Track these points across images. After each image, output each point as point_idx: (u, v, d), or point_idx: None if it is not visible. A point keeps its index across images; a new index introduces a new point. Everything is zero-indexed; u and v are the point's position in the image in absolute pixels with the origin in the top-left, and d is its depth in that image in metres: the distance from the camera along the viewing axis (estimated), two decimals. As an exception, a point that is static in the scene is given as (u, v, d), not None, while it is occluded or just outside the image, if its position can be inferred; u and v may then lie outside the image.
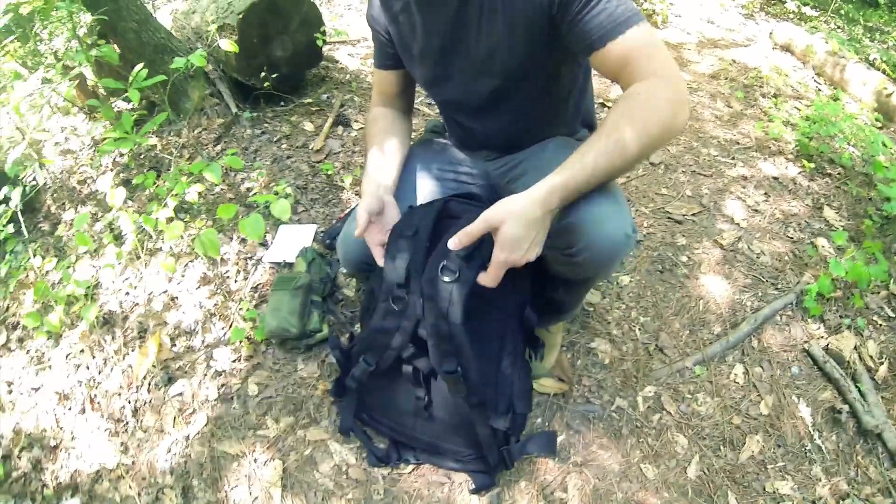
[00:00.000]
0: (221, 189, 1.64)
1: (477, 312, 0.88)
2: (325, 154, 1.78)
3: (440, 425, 1.01)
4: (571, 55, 0.87)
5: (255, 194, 1.61)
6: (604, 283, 1.40)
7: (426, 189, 1.08)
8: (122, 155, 1.85)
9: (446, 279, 0.85)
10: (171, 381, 1.22)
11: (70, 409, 1.24)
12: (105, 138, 1.39)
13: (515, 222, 0.74)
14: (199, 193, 1.37)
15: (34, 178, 1.90)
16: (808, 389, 1.24)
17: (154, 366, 1.24)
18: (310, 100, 2.02)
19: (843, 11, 3.22)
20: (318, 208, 1.58)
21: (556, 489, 1.04)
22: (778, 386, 1.23)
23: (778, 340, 1.32)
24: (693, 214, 1.63)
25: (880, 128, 2.08)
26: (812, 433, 1.17)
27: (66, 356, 1.33)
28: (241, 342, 1.25)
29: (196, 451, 1.11)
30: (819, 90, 2.32)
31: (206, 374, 1.22)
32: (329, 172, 1.68)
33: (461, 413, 0.97)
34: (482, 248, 0.85)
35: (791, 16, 3.14)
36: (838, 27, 3.09)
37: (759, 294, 1.40)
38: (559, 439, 1.10)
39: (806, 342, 1.32)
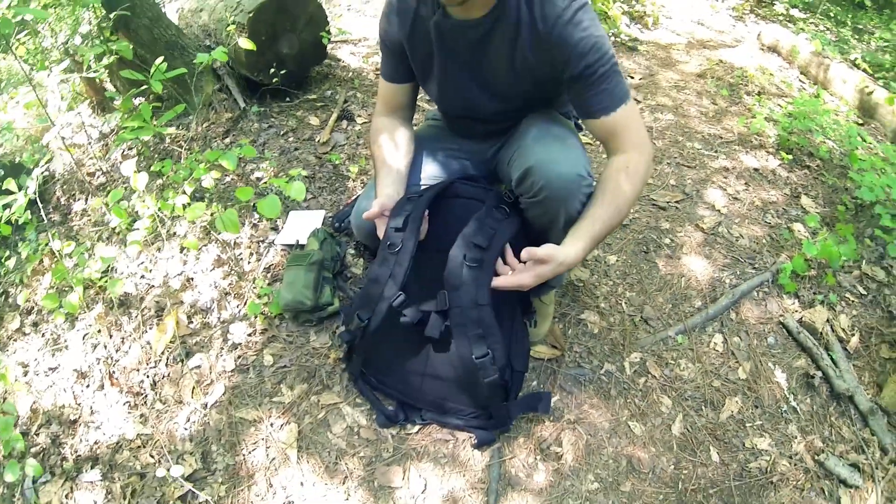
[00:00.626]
0: (232, 178, 1.73)
1: None
2: (331, 146, 1.87)
3: (445, 384, 1.10)
4: None
5: (265, 182, 1.70)
6: (592, 261, 1.50)
7: (431, 170, 1.18)
8: (130, 148, 1.94)
9: (471, 265, 0.96)
10: (189, 355, 1.29)
11: (88, 386, 1.31)
12: (124, 127, 1.48)
13: (557, 268, 0.90)
14: (215, 180, 1.46)
15: (47, 168, 1.99)
16: (784, 357, 1.34)
17: (172, 341, 1.32)
18: (314, 96, 2.12)
19: (831, 13, 3.36)
20: (325, 195, 1.66)
21: (552, 444, 1.13)
22: (755, 354, 1.33)
23: (755, 314, 1.42)
24: (677, 202, 1.73)
25: (861, 124, 2.20)
26: (787, 396, 1.26)
27: (84, 337, 1.40)
28: (256, 317, 1.33)
29: (214, 419, 1.18)
30: (803, 89, 2.45)
31: (222, 348, 1.30)
32: (336, 162, 1.77)
33: (465, 371, 1.06)
34: (498, 237, 0.97)
35: (780, 17, 3.28)
36: (827, 29, 3.22)
37: (738, 273, 1.51)
38: (553, 399, 1.18)
39: (781, 315, 1.42)
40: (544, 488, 1.07)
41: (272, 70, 1.91)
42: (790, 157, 1.93)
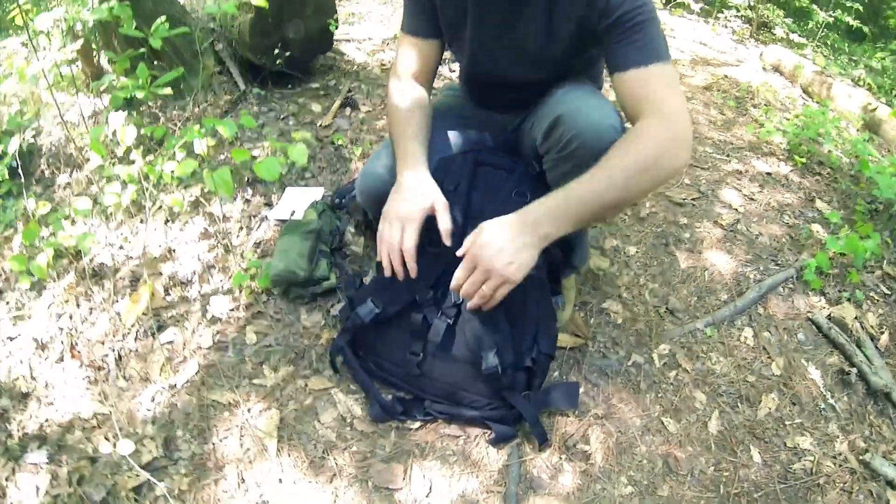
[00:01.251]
0: (227, 157, 1.62)
1: None
2: (333, 130, 1.78)
3: (458, 368, 0.97)
4: None
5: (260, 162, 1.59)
6: (611, 251, 1.41)
7: (449, 140, 1.09)
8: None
9: None
10: (161, 328, 1.15)
11: (47, 357, 1.14)
12: (121, 88, 1.37)
13: (491, 227, 0.80)
14: (210, 147, 1.35)
15: (34, 138, 1.85)
16: (816, 354, 1.25)
17: (145, 313, 1.17)
18: (317, 84, 2.05)
19: (829, 41, 3.48)
20: (326, 175, 1.56)
21: (579, 441, 0.99)
22: (786, 349, 1.24)
23: (782, 309, 1.34)
24: (692, 199, 1.68)
25: (866, 140, 2.22)
26: (824, 393, 1.16)
27: (49, 306, 1.24)
28: (241, 291, 1.19)
29: (183, 401, 1.02)
30: (807, 105, 2.48)
31: (200, 323, 1.15)
32: (338, 143, 1.68)
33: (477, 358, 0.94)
34: None
35: (780, 42, 3.39)
36: (825, 56, 3.33)
37: (761, 268, 1.43)
38: (580, 390, 1.06)
39: (809, 312, 1.34)
40: (571, 492, 0.93)
41: (277, 52, 1.84)
42: (803, 160, 1.92)
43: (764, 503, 0.95)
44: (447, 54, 1.12)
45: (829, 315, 1.33)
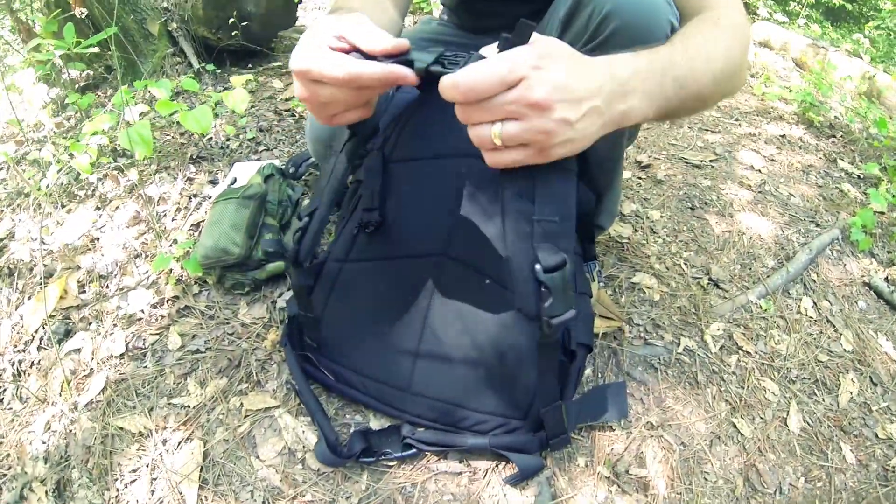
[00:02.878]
0: (173, 137, 1.33)
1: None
2: (297, 101, 1.52)
3: (461, 369, 0.70)
4: None
5: (209, 138, 1.31)
6: (632, 216, 1.18)
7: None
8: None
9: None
10: (69, 334, 0.87)
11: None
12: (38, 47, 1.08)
13: (560, 59, 0.44)
14: (142, 115, 1.07)
15: None
16: (882, 323, 1.05)
17: (51, 316, 0.88)
18: (279, 63, 1.79)
19: (811, 21, 3.41)
20: (282, 148, 1.29)
21: (631, 464, 0.74)
22: (851, 320, 1.03)
23: (835, 275, 1.13)
24: (710, 161, 1.48)
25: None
26: (905, 370, 0.96)
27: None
28: (165, 282, 0.91)
29: (84, 429, 0.75)
30: (804, 74, 2.35)
31: (114, 324, 0.86)
32: (300, 111, 1.41)
33: (492, 349, 0.67)
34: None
35: (764, 21, 3.30)
36: (807, 36, 3.27)
37: (802, 230, 1.23)
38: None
39: (864, 276, 1.15)
40: (630, 533, 0.68)
41: (232, 21, 1.57)
42: (819, 118, 1.76)
43: (872, 516, 0.73)
44: None
45: (887, 277, 1.14)
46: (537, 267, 0.50)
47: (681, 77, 0.50)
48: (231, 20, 1.58)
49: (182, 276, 0.92)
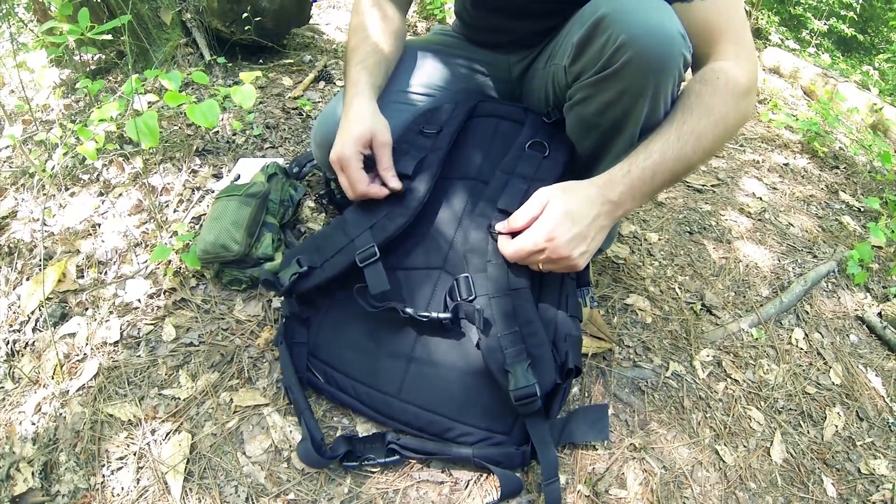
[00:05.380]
0: (180, 128, 1.34)
1: None
2: (305, 99, 1.53)
3: (447, 384, 0.71)
4: None
5: (216, 131, 1.32)
6: (630, 237, 1.19)
7: (431, 77, 0.86)
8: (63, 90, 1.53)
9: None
10: (64, 317, 0.88)
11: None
12: (52, 30, 1.09)
13: (565, 195, 0.62)
14: (150, 105, 1.08)
15: None
16: (872, 357, 1.06)
17: (48, 298, 0.89)
18: (290, 60, 1.81)
19: (822, 50, 3.41)
20: (288, 146, 1.30)
21: (612, 484, 0.74)
22: (842, 354, 1.04)
23: (829, 307, 1.14)
24: (712, 186, 1.49)
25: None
26: (889, 405, 0.96)
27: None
28: (164, 274, 0.91)
29: (74, 413, 0.75)
30: (811, 103, 2.36)
31: (111, 311, 0.86)
32: (307, 109, 1.42)
33: (480, 364, 0.68)
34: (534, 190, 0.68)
35: (775, 47, 3.31)
36: (817, 65, 3.28)
37: (798, 261, 1.24)
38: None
39: (857, 310, 1.15)
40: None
41: (246, 15, 1.59)
42: (824, 149, 1.77)
43: (850, 552, 0.73)
44: None
45: (880, 313, 1.15)
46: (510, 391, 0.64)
47: (671, 168, 0.62)
48: (245, 14, 1.59)
49: (180, 268, 0.92)
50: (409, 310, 0.68)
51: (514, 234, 0.65)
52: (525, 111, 0.81)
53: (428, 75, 0.86)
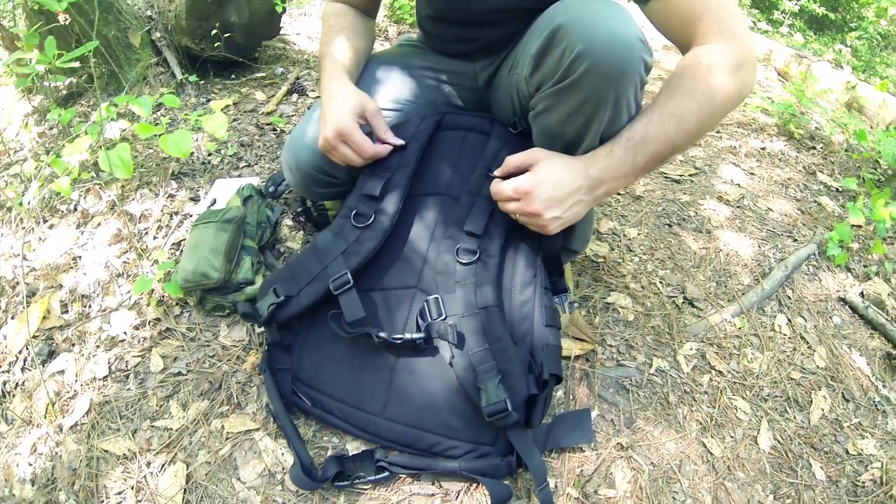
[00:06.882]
0: (155, 150, 1.33)
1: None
2: (278, 115, 1.53)
3: (427, 401, 0.72)
4: None
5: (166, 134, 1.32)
6: (609, 234, 1.20)
7: (396, 91, 0.86)
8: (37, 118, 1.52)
9: (465, 261, 0.71)
10: (52, 354, 0.88)
11: None
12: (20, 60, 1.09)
13: (556, 161, 0.67)
14: (122, 132, 1.08)
15: None
16: (856, 338, 1.07)
17: (34, 336, 0.89)
18: (262, 74, 1.80)
19: (794, 30, 3.44)
20: (263, 164, 1.30)
21: (601, 484, 0.75)
22: (825, 336, 1.05)
23: (811, 290, 1.15)
24: (690, 175, 1.50)
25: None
26: (875, 384, 0.98)
27: None
28: (147, 304, 0.91)
29: (69, 451, 0.76)
30: (786, 84, 2.39)
31: (97, 346, 0.86)
32: (280, 126, 1.42)
33: (465, 380, 0.69)
34: (497, 223, 0.72)
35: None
36: (790, 46, 3.32)
37: (779, 246, 1.25)
38: (593, 416, 0.83)
39: (839, 291, 1.16)
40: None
41: (215, 32, 1.58)
42: (800, 131, 1.78)
43: (839, 534, 0.74)
44: None
45: (862, 293, 1.16)
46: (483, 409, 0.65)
47: (653, 149, 0.63)
48: (214, 31, 1.59)
49: (163, 297, 0.92)
50: (382, 334, 0.69)
51: (484, 229, 0.71)
52: (491, 122, 0.82)
53: (395, 90, 0.86)
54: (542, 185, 0.65)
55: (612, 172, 0.65)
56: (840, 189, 1.54)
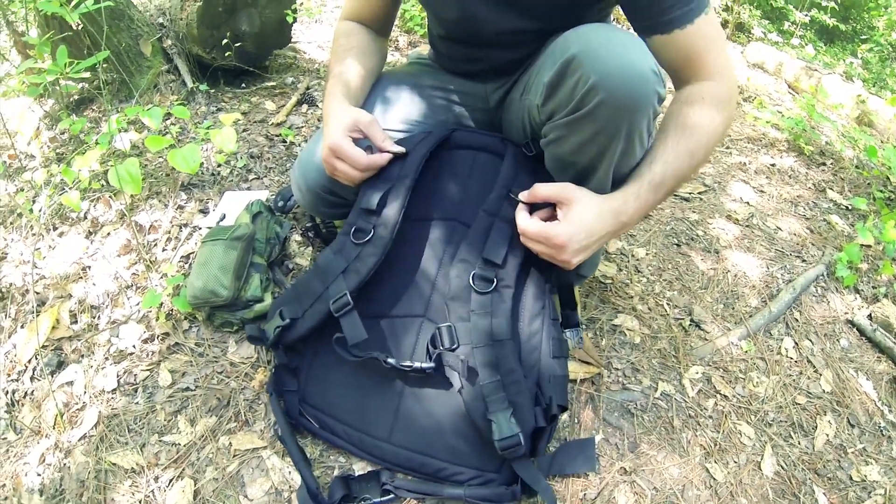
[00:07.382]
0: (165, 161, 1.34)
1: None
2: (287, 127, 1.53)
3: (434, 428, 0.72)
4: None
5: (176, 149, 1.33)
6: (617, 254, 1.20)
7: (405, 111, 0.86)
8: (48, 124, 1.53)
9: (481, 290, 0.70)
10: (61, 365, 0.89)
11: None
12: (36, 70, 1.10)
13: (589, 205, 0.66)
14: (133, 143, 1.09)
15: None
16: (863, 361, 1.07)
17: (44, 346, 0.90)
18: (273, 83, 1.81)
19: (805, 41, 3.42)
20: (272, 176, 1.30)
21: (602, 508, 0.75)
22: (832, 359, 1.04)
23: (818, 313, 1.15)
24: (699, 193, 1.49)
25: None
26: (881, 408, 0.98)
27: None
28: (156, 318, 0.92)
29: (78, 463, 0.77)
30: (797, 98, 2.37)
31: (106, 358, 0.88)
32: (289, 139, 1.43)
33: (473, 409, 0.69)
34: (516, 252, 0.72)
35: (758, 42, 3.32)
36: (800, 58, 3.29)
37: (787, 266, 1.25)
38: (597, 440, 0.83)
39: (847, 313, 1.16)
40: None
41: (226, 41, 1.59)
42: (810, 147, 1.77)
43: (843, 565, 0.74)
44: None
45: (870, 315, 1.15)
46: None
47: (669, 186, 0.67)
48: (225, 40, 1.60)
49: (172, 311, 0.93)
50: (391, 360, 0.69)
51: (504, 258, 0.70)
52: (504, 142, 0.82)
53: (405, 110, 0.86)
54: (576, 236, 0.64)
55: (640, 214, 0.68)
56: (850, 207, 1.54)
